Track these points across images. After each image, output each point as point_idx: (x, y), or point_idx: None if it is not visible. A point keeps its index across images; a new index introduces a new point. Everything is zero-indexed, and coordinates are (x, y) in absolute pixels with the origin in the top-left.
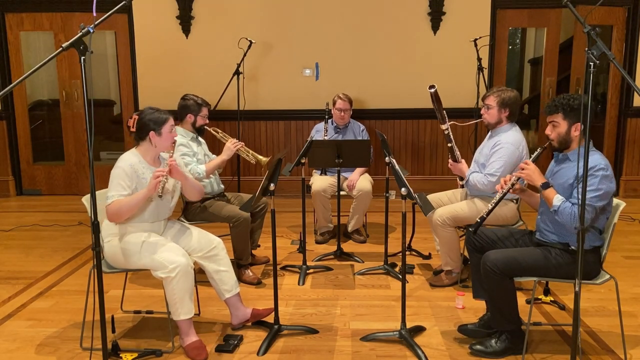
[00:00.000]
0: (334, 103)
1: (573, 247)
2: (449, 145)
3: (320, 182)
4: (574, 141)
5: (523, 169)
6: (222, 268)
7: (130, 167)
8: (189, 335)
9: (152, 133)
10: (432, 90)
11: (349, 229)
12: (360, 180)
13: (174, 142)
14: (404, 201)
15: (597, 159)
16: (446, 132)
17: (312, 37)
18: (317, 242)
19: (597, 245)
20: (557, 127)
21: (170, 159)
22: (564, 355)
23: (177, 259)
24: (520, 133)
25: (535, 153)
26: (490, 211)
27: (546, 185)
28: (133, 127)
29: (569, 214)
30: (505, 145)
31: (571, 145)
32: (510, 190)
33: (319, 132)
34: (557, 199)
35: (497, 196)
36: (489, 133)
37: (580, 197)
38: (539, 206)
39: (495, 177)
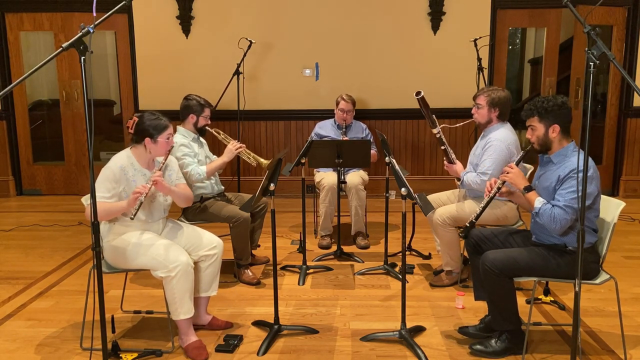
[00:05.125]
0: (337, 103)
1: (570, 247)
2: (442, 147)
3: (330, 177)
4: (554, 142)
5: (507, 173)
6: (210, 270)
7: (120, 169)
8: (189, 335)
9: (147, 139)
10: (419, 96)
11: (352, 232)
12: (351, 176)
13: (169, 150)
14: (404, 201)
15: (576, 160)
16: (438, 136)
17: (312, 37)
18: (321, 247)
19: (593, 241)
20: (535, 130)
21: (156, 175)
22: (564, 355)
23: (177, 258)
24: (511, 132)
25: (519, 156)
26: (478, 215)
27: (529, 189)
28: (131, 129)
29: (549, 216)
30: (495, 143)
31: (552, 147)
32: (498, 194)
33: (322, 128)
34: (538, 202)
35: (485, 200)
36: (482, 134)
37: (579, 199)
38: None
39: (487, 176)
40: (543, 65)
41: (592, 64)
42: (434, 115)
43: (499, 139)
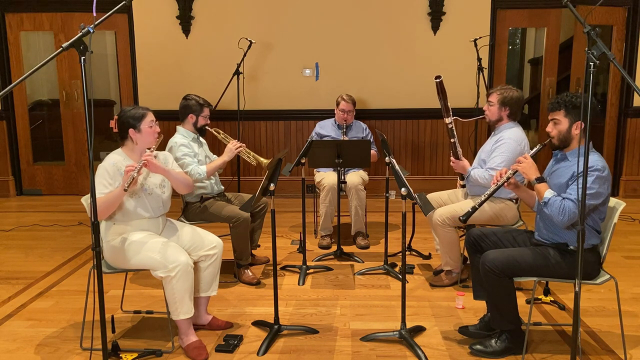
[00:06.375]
0: (338, 104)
1: (572, 247)
2: (452, 140)
3: (330, 177)
4: (574, 140)
5: (521, 162)
6: (210, 270)
7: (113, 165)
8: (189, 335)
9: (131, 130)
10: (438, 80)
11: (352, 232)
12: (351, 176)
13: (157, 136)
14: (404, 201)
15: (594, 159)
16: (450, 127)
17: (312, 37)
18: (321, 247)
19: (595, 243)
20: (558, 124)
21: (148, 153)
22: (564, 355)
23: (176, 258)
24: (522, 131)
25: (535, 148)
26: (483, 202)
27: (540, 180)
28: (115, 128)
29: (557, 207)
30: (507, 141)
31: (571, 144)
32: (505, 185)
33: (323, 128)
34: (548, 192)
35: (492, 188)
36: (493, 132)
37: (579, 196)
38: (536, 206)
39: (495, 172)
40: (543, 65)
41: (592, 64)
42: (449, 104)
43: (512, 138)
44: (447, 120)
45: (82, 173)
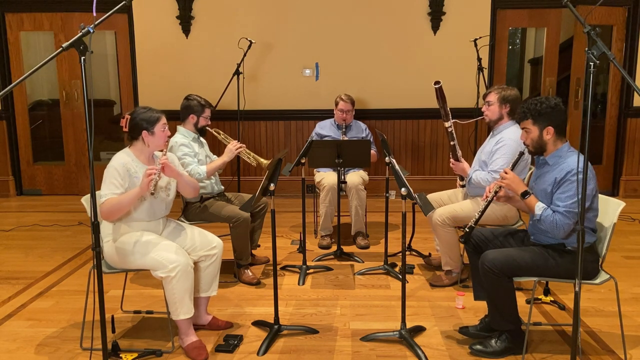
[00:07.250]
0: (336, 104)
1: (569, 247)
2: (452, 143)
3: (330, 177)
4: (548, 144)
5: (503, 178)
6: (210, 270)
7: (123, 165)
8: (189, 335)
9: (144, 132)
10: (437, 86)
11: (352, 232)
12: (351, 176)
13: (168, 140)
14: (404, 201)
15: (573, 161)
16: (449, 130)
17: (312, 37)
18: (321, 247)
19: (591, 241)
20: (529, 133)
21: (163, 157)
22: (564, 355)
23: (177, 258)
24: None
25: (513, 161)
26: (477, 220)
27: (526, 194)
28: (125, 127)
29: (550, 222)
30: (508, 142)
31: (547, 149)
32: (495, 199)
33: (323, 128)
34: (538, 208)
35: (483, 205)
36: (491, 132)
37: (578, 201)
38: None
39: (498, 174)
40: (543, 65)
41: (592, 64)
42: (449, 109)
43: (512, 138)
44: (447, 124)
45: (82, 173)
